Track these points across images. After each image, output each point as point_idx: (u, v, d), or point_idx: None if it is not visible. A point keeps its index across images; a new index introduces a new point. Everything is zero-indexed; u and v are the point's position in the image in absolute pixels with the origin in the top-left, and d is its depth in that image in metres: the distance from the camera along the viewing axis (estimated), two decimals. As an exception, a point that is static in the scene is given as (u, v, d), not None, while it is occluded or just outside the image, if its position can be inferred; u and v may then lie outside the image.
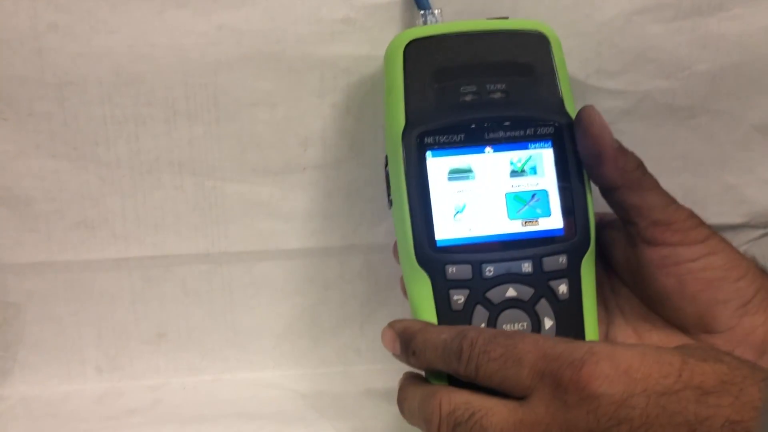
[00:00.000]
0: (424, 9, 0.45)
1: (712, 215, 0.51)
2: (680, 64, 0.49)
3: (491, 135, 0.42)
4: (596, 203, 0.45)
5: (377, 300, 0.52)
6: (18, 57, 0.46)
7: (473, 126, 0.42)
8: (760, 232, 0.52)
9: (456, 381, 0.39)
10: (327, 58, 0.47)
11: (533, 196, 0.42)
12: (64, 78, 0.46)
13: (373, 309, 0.52)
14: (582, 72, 0.48)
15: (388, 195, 0.43)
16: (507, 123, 0.42)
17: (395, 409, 0.47)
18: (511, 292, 0.41)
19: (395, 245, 0.44)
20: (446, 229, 0.41)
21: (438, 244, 0.41)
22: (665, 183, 0.51)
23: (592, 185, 0.43)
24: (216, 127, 0.48)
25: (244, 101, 0.48)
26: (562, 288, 0.41)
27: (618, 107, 0.49)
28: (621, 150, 0.42)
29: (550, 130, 0.42)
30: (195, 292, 0.51)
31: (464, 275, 0.41)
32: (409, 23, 0.47)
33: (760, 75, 0.49)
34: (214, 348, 0.52)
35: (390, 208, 0.43)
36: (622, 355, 0.35)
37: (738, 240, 0.52)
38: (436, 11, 0.45)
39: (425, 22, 0.45)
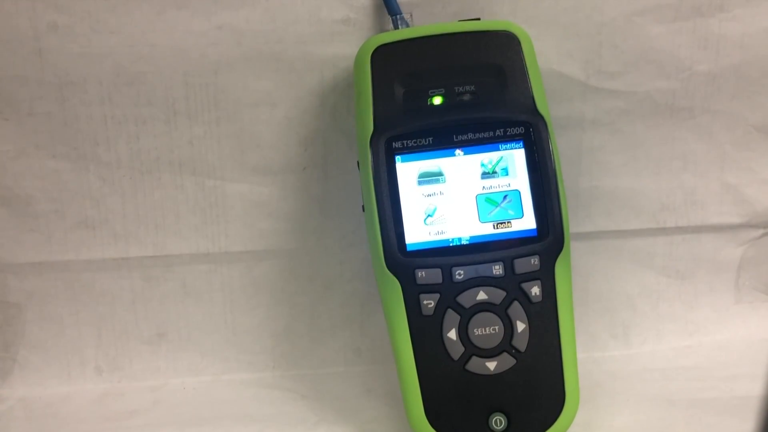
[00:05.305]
0: (395, 14, 0.45)
1: (712, 215, 0.52)
2: (680, 64, 0.49)
3: (461, 137, 0.42)
4: (571, 204, 0.44)
5: (377, 300, 0.51)
6: (18, 57, 0.46)
7: (442, 129, 0.42)
8: (761, 232, 0.52)
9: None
10: (327, 58, 0.47)
11: (505, 197, 0.42)
12: (64, 78, 0.46)
13: (373, 309, 0.52)
14: (583, 72, 0.48)
15: (362, 200, 0.43)
16: (476, 125, 0.42)
17: (395, 409, 0.47)
18: (481, 296, 0.41)
19: None
20: (416, 233, 0.41)
21: (408, 249, 0.41)
22: (665, 183, 0.51)
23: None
24: (216, 127, 0.48)
25: (244, 101, 0.48)
26: (535, 290, 0.41)
27: (618, 107, 0.49)
28: None
29: (521, 130, 0.42)
30: (195, 292, 0.51)
31: (434, 279, 0.41)
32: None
33: (760, 76, 0.49)
34: (214, 348, 0.52)
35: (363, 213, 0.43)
36: None
37: (738, 240, 0.52)
38: (407, 15, 0.45)
39: (396, 27, 0.45)
